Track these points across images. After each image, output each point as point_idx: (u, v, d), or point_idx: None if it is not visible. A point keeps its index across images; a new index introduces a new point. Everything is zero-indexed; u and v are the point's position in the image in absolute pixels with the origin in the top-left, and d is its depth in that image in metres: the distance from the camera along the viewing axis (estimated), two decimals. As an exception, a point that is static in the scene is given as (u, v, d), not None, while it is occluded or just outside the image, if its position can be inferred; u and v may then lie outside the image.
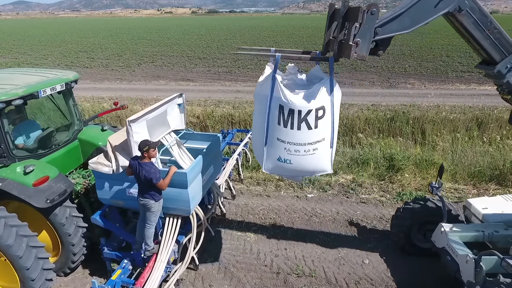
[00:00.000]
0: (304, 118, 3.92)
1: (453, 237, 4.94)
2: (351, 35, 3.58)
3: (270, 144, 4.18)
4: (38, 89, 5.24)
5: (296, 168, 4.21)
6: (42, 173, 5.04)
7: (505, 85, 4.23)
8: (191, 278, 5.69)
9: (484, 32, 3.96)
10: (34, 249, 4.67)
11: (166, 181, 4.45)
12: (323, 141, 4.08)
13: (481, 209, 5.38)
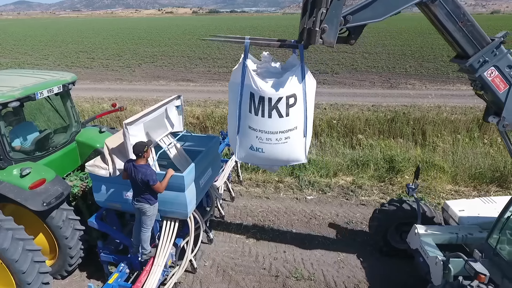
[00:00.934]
0: (274, 106, 3.89)
1: (426, 238, 4.94)
2: (317, 21, 3.56)
3: (242, 132, 4.18)
4: (35, 91, 5.21)
5: (268, 157, 4.17)
6: (39, 176, 5.01)
7: (478, 80, 4.19)
8: (189, 281, 5.65)
9: (457, 24, 3.91)
10: (30, 253, 4.62)
11: (163, 184, 4.41)
12: (295, 130, 4.05)
13: (457, 211, 5.37)
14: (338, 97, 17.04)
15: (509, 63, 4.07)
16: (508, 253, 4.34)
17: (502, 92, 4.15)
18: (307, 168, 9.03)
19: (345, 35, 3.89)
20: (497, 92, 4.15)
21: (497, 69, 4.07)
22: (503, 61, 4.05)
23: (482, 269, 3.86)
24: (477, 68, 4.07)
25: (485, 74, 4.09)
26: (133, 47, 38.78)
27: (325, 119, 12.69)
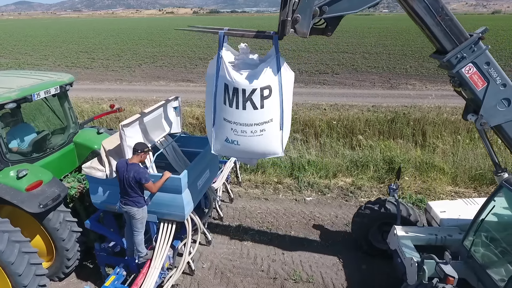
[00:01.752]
0: (249, 98, 3.86)
1: (404, 239, 4.91)
2: (289, 10, 3.54)
3: (217, 124, 4.15)
4: (32, 93, 5.18)
5: (244, 149, 4.14)
6: (36, 178, 4.98)
7: (456, 77, 4.14)
8: (186, 283, 5.61)
9: (435, 18, 3.86)
10: (26, 255, 4.60)
11: (157, 185, 4.37)
12: (271, 122, 4.01)
13: (439, 212, 5.34)
14: (338, 98, 17.01)
15: (487, 60, 4.02)
16: (481, 256, 4.31)
17: (480, 90, 4.11)
18: (306, 169, 9.00)
19: (323, 26, 3.87)
20: (475, 89, 4.11)
21: (475, 65, 4.02)
22: (481, 58, 4.00)
23: (452, 272, 3.84)
24: (455, 64, 4.02)
25: (463, 71, 4.05)
26: (133, 47, 38.79)
27: (325, 119, 12.67)
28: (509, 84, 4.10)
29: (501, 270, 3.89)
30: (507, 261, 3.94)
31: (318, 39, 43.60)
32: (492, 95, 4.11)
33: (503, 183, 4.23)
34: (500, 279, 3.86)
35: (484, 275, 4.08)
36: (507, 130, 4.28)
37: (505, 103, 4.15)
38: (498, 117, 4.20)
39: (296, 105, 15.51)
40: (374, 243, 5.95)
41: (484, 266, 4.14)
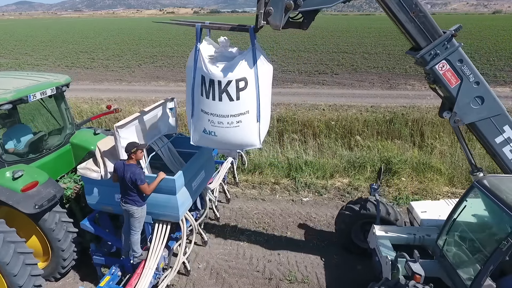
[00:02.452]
0: (224, 89, 3.93)
1: (382, 239, 4.94)
2: (262, 3, 3.62)
3: (196, 115, 4.24)
4: (28, 94, 5.21)
5: (221, 140, 4.21)
6: (31, 178, 5.00)
7: (430, 73, 4.18)
8: (182, 283, 5.64)
9: (409, 14, 3.90)
10: (21, 255, 4.62)
11: (151, 187, 4.40)
12: (247, 114, 4.07)
13: (420, 212, 5.39)
14: (337, 98, 17.01)
15: (460, 57, 4.06)
16: (453, 255, 4.35)
17: (454, 87, 4.15)
18: (303, 169, 9.02)
19: (300, 20, 3.94)
20: (449, 86, 4.15)
21: (448, 62, 4.06)
22: (454, 55, 4.04)
23: (419, 270, 3.88)
24: (429, 60, 4.06)
25: (437, 68, 4.09)
26: (133, 48, 38.82)
27: (323, 120, 12.68)
28: (482, 82, 4.15)
29: (470, 269, 3.93)
30: (475, 261, 3.97)
31: (318, 39, 43.66)
32: (465, 93, 4.16)
33: (474, 183, 4.29)
34: (467, 278, 3.91)
35: (454, 274, 4.13)
36: (480, 128, 4.33)
37: (478, 101, 4.20)
38: (472, 115, 4.26)
39: (295, 106, 15.55)
40: (356, 241, 6.01)
41: (455, 265, 4.19)
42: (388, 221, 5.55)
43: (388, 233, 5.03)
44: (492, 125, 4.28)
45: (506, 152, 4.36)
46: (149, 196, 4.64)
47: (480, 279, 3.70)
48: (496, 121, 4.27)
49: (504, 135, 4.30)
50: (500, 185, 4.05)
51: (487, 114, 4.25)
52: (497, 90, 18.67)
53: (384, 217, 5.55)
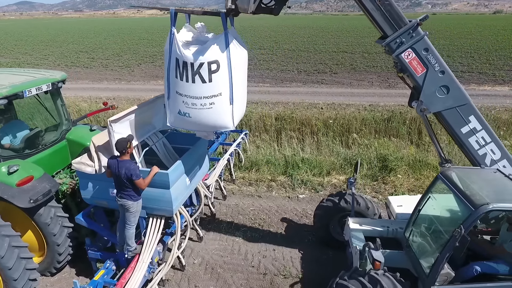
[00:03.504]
0: (197, 71, 4.05)
1: (355, 231, 5.00)
2: None
3: (171, 97, 4.36)
4: (23, 89, 5.24)
5: (196, 121, 4.32)
6: (26, 173, 5.03)
7: (398, 62, 4.25)
8: (177, 278, 5.66)
9: (375, 3, 3.98)
10: (16, 249, 4.65)
11: (146, 181, 4.43)
12: (220, 96, 4.18)
13: (396, 207, 5.46)
14: (336, 97, 17.03)
15: (425, 46, 4.12)
16: (417, 246, 4.44)
17: (420, 76, 4.23)
18: (300, 167, 9.04)
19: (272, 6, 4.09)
20: (415, 75, 4.22)
21: (414, 51, 4.13)
22: (420, 44, 4.11)
23: (379, 257, 3.97)
24: (394, 48, 4.14)
25: (403, 56, 4.17)
26: (133, 47, 38.84)
27: (321, 118, 12.70)
28: (447, 71, 4.22)
29: (431, 258, 3.99)
30: (436, 250, 4.04)
31: (318, 39, 43.63)
32: (431, 82, 4.24)
33: (439, 175, 4.37)
34: (427, 266, 3.99)
35: (417, 264, 4.21)
36: (447, 118, 4.40)
37: (444, 90, 4.28)
38: (438, 104, 4.34)
39: (293, 104, 15.57)
40: (334, 235, 6.07)
41: (418, 255, 4.28)
42: (365, 214, 5.65)
43: (362, 226, 5.13)
44: (458, 115, 4.36)
45: (472, 142, 4.45)
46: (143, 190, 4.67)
47: (437, 267, 3.81)
48: (462, 111, 4.35)
49: (470, 126, 4.39)
50: (462, 176, 4.16)
51: (452, 104, 4.33)
52: (495, 89, 18.69)
53: (360, 210, 5.65)
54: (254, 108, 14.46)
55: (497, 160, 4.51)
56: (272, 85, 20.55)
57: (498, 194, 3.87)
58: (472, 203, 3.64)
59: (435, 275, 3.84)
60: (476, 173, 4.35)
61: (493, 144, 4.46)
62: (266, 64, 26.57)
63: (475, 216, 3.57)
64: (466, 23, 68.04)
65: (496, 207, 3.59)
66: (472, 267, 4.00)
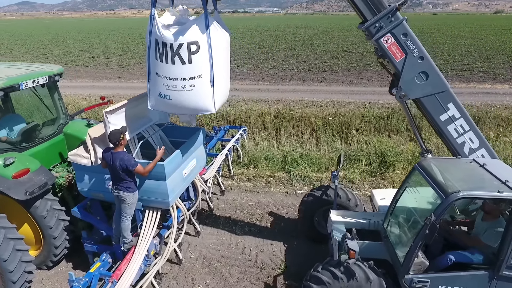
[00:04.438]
0: (176, 52, 4.05)
1: (337, 223, 5.00)
2: None
3: (152, 80, 4.35)
4: (19, 82, 5.23)
5: (176, 104, 4.30)
6: (23, 166, 5.02)
7: (377, 46, 4.26)
8: (174, 272, 5.65)
9: None
10: (12, 241, 4.64)
11: (148, 168, 4.40)
12: (200, 78, 4.17)
13: (379, 199, 5.47)
14: (335, 95, 17.01)
15: (404, 31, 4.12)
16: (394, 236, 4.46)
17: (399, 61, 4.23)
18: (298, 163, 9.02)
19: None
20: (394, 60, 4.23)
21: (393, 36, 4.14)
22: (399, 29, 4.11)
23: (354, 246, 4.00)
24: (374, 33, 4.15)
25: (382, 41, 4.17)
26: (133, 46, 38.83)
27: (321, 116, 12.69)
28: (426, 57, 4.22)
29: (406, 248, 4.00)
30: (410, 239, 4.04)
31: (318, 38, 43.61)
32: (410, 67, 4.24)
33: (415, 166, 4.38)
34: (402, 256, 4.00)
35: (393, 253, 4.23)
36: (426, 105, 4.40)
37: (423, 77, 4.28)
38: (417, 90, 4.33)
39: (293, 102, 15.56)
40: (318, 229, 6.05)
41: (394, 245, 4.30)
42: (348, 207, 5.67)
43: (344, 218, 5.12)
44: (437, 102, 4.36)
45: (451, 130, 4.45)
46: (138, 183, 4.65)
47: (410, 255, 3.83)
48: (441, 98, 4.35)
49: (449, 113, 4.40)
50: (437, 166, 4.16)
51: (431, 91, 4.33)
52: (496, 87, 18.66)
53: (343, 203, 5.66)
54: (254, 105, 14.46)
55: (476, 148, 4.51)
56: (272, 83, 20.53)
57: (470, 183, 3.89)
58: (443, 191, 3.68)
59: (408, 263, 3.86)
60: (452, 163, 4.36)
61: (472, 133, 4.47)
62: (265, 63, 26.56)
63: (446, 204, 3.60)
64: (467, 23, 67.98)
65: (467, 194, 3.61)
66: (447, 256, 4.03)
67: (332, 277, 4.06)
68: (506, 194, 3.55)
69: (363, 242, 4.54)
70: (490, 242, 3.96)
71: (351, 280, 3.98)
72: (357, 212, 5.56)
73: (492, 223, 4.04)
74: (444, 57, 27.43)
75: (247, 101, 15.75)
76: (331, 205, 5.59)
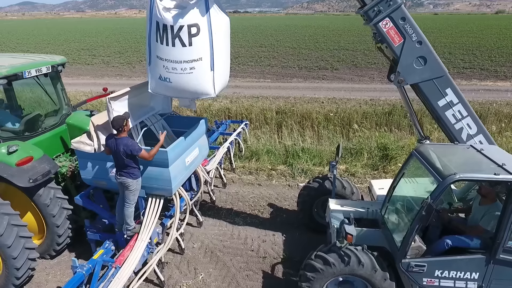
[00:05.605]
0: (177, 34, 4.08)
1: (336, 212, 5.02)
2: None
3: (153, 62, 4.38)
4: (23, 70, 5.25)
5: (176, 87, 4.32)
6: (26, 154, 5.04)
7: (376, 31, 4.26)
8: (176, 261, 5.66)
9: None
10: (15, 227, 4.66)
11: (152, 152, 4.42)
12: (200, 61, 4.19)
13: (377, 189, 5.49)
14: (337, 92, 17.02)
15: (403, 15, 4.13)
16: (391, 222, 4.48)
17: (397, 46, 4.23)
18: (300, 156, 9.02)
19: None
20: (393, 45, 4.23)
21: (391, 20, 4.15)
22: (397, 13, 4.12)
23: (351, 230, 4.00)
24: (372, 17, 4.17)
25: (381, 25, 4.18)
26: (135, 45, 38.88)
27: (322, 112, 12.69)
28: (425, 42, 4.22)
29: (403, 233, 4.02)
30: (407, 224, 4.06)
31: (319, 37, 43.62)
32: (408, 52, 4.24)
33: (413, 152, 4.39)
34: (399, 241, 4.02)
35: (391, 239, 4.24)
36: (424, 90, 4.40)
37: (421, 62, 4.28)
38: (415, 75, 4.33)
39: (294, 98, 15.57)
40: (317, 219, 6.10)
41: (391, 231, 4.32)
42: (347, 196, 5.71)
43: (343, 207, 5.13)
44: (435, 88, 4.35)
45: (449, 116, 4.45)
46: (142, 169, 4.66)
47: (407, 239, 3.85)
48: (439, 84, 4.35)
49: (447, 98, 4.39)
50: (435, 152, 4.17)
51: (429, 76, 4.32)
52: (497, 84, 18.64)
53: (341, 192, 5.69)
54: (255, 102, 14.47)
55: (473, 134, 4.51)
56: (273, 81, 20.55)
57: (466, 166, 3.90)
58: (440, 174, 3.69)
59: (405, 247, 3.88)
60: (449, 149, 4.38)
61: (470, 118, 4.46)
62: (267, 61, 26.58)
63: (443, 186, 3.62)
64: (468, 23, 67.90)
65: (463, 176, 3.62)
66: (444, 241, 4.04)
67: (323, 263, 4.10)
68: (503, 176, 3.56)
69: (361, 229, 4.54)
70: (487, 226, 3.97)
71: (342, 264, 4.03)
72: (356, 201, 5.58)
73: (489, 207, 4.06)
74: (445, 55, 27.40)
75: (248, 98, 15.77)
76: (328, 194, 5.61)
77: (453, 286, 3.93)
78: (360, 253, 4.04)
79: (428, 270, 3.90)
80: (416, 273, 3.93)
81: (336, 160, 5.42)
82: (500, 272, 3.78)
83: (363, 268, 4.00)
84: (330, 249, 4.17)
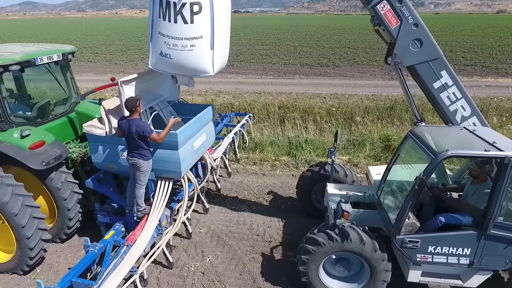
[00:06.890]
0: (179, 11, 4.18)
1: (334, 196, 5.14)
2: None
3: (154, 38, 4.48)
4: (35, 57, 5.38)
5: (176, 63, 4.43)
6: (38, 138, 5.17)
7: (374, 14, 4.38)
8: (184, 245, 5.79)
9: None
10: (29, 208, 4.79)
11: (162, 135, 4.53)
12: (200, 39, 4.30)
13: (374, 175, 5.62)
14: (338, 88, 17.13)
15: None
16: (387, 202, 4.62)
17: (394, 28, 4.35)
18: (303, 147, 9.15)
19: None
20: (390, 27, 4.35)
21: (388, 3, 4.28)
22: None
23: (348, 208, 4.13)
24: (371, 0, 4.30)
25: (378, 8, 4.31)
26: (137, 44, 39.03)
27: (324, 107, 12.80)
28: (421, 24, 4.33)
29: (397, 211, 4.16)
30: (402, 202, 4.19)
31: (321, 36, 43.71)
32: (404, 34, 4.36)
33: (408, 133, 4.53)
34: (394, 218, 4.16)
35: (386, 218, 4.38)
36: (420, 72, 4.52)
37: (417, 44, 4.40)
38: (411, 57, 4.45)
39: (296, 94, 15.70)
40: (316, 205, 6.25)
41: (387, 210, 4.46)
42: (345, 181, 5.84)
43: (340, 191, 5.25)
44: (431, 70, 4.48)
45: (444, 98, 4.58)
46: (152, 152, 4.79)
47: (401, 215, 3.98)
48: (434, 66, 4.47)
49: (442, 80, 4.51)
50: (429, 132, 4.32)
51: (425, 58, 4.44)
52: (498, 80, 18.74)
53: (339, 178, 5.83)
54: (257, 97, 14.59)
55: (467, 116, 4.64)
56: (275, 77, 20.66)
57: (458, 144, 4.06)
58: (432, 151, 3.85)
59: (400, 224, 4.01)
60: (443, 130, 4.55)
61: (464, 100, 4.59)
62: (268, 58, 26.70)
63: (435, 163, 3.77)
64: (469, 22, 67.95)
65: (455, 153, 3.76)
66: (437, 218, 4.18)
67: (327, 238, 4.23)
68: (493, 153, 3.71)
69: (358, 210, 4.68)
70: (478, 203, 4.11)
71: (345, 241, 4.15)
72: (353, 185, 5.72)
73: (480, 186, 4.21)
74: (447, 53, 27.47)
75: (251, 94, 15.90)
76: (327, 180, 5.75)
77: (446, 262, 4.08)
78: (363, 233, 4.15)
79: (422, 246, 4.04)
80: (410, 249, 4.07)
81: (334, 146, 5.54)
82: (491, 247, 3.93)
83: (364, 247, 4.12)
84: (333, 226, 4.30)
